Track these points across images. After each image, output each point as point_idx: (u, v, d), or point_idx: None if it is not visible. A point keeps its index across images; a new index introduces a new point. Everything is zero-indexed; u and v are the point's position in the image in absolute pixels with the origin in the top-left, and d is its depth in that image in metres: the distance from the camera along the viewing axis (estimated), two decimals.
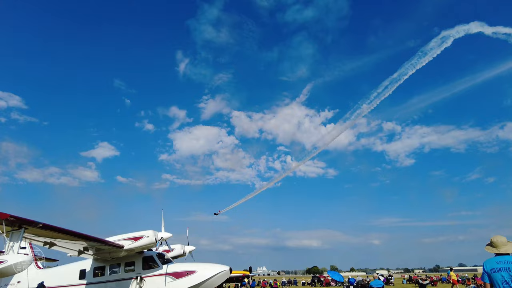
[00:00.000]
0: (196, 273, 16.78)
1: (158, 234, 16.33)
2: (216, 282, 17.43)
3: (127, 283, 16.76)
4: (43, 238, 13.93)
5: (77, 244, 15.27)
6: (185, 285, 16.54)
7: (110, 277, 17.25)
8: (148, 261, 17.27)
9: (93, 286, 17.38)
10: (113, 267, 17.45)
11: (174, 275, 16.71)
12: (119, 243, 15.67)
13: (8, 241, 11.01)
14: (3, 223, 10.53)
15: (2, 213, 10.25)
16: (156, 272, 16.87)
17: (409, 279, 54.79)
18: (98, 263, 17.67)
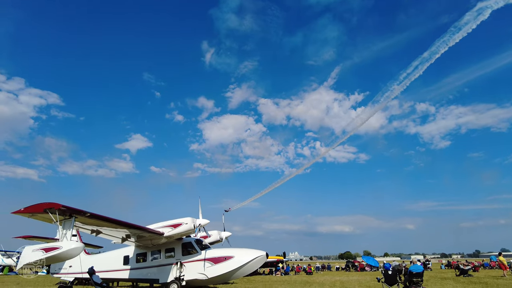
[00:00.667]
0: (234, 258, 17.19)
1: (196, 221, 16.79)
2: (253, 267, 17.79)
3: (167, 269, 17.48)
4: (90, 226, 14.75)
5: (120, 232, 16.03)
6: (223, 270, 17.01)
7: (151, 262, 18.05)
8: (187, 247, 17.87)
9: (136, 271, 18.30)
10: (154, 253, 18.22)
11: (213, 260, 17.20)
12: (159, 230, 16.29)
13: (61, 229, 11.79)
14: (56, 212, 11.28)
15: (55, 203, 10.97)
16: (195, 257, 17.44)
17: (447, 264, 53.16)
18: (140, 250, 18.52)
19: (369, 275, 35.64)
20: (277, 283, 24.54)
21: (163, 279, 17.32)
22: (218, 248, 18.66)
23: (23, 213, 11.46)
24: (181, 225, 16.39)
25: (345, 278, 29.62)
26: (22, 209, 11.29)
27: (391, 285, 15.89)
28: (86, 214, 12.23)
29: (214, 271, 17.02)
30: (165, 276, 17.28)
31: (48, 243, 11.75)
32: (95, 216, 12.81)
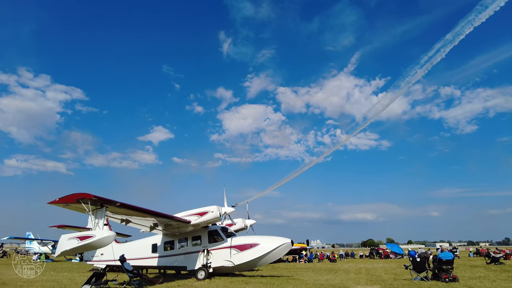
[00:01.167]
0: (259, 245, 17.34)
1: (221, 209, 16.99)
2: (278, 254, 17.90)
3: (195, 256, 17.86)
4: (120, 215, 15.21)
5: (149, 221, 16.44)
6: (249, 257, 17.21)
7: (179, 250, 18.48)
8: (213, 235, 18.16)
9: (164, 259, 18.80)
10: (181, 241, 18.63)
11: (239, 248, 17.42)
12: (186, 219, 16.61)
13: (93, 218, 12.22)
14: (88, 202, 11.67)
15: (87, 194, 11.35)
16: (222, 245, 17.71)
17: (476, 252, 51.78)
18: (167, 238, 18.97)
19: (394, 262, 35.23)
20: (301, 270, 24.62)
21: (190, 266, 17.72)
22: (243, 236, 18.85)
23: (58, 203, 11.94)
24: (207, 213, 16.64)
25: (370, 266, 29.39)
26: (57, 199, 11.77)
27: (420, 272, 15.66)
28: (116, 204, 12.58)
29: (240, 258, 17.25)
30: (192, 264, 17.67)
31: (82, 232, 12.22)
32: (125, 205, 13.17)
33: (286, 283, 15.40)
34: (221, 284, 14.75)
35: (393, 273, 20.58)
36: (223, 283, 15.10)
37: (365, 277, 18.70)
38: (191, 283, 15.06)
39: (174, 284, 14.65)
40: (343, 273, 21.35)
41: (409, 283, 14.60)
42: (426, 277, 15.19)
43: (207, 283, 15.26)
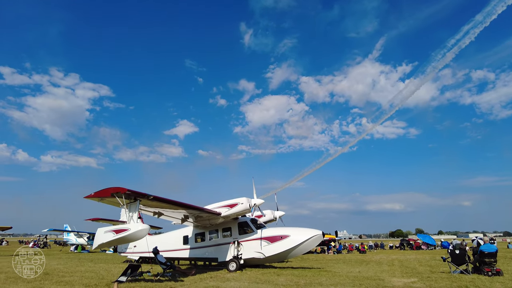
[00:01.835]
0: (290, 237, 17.19)
1: (251, 200, 16.92)
2: (309, 246, 17.68)
3: (225, 248, 17.95)
4: (152, 208, 15.47)
5: (180, 213, 16.65)
6: (280, 249, 17.10)
7: (210, 242, 18.65)
8: (243, 227, 18.17)
9: (195, 251, 19.05)
10: (212, 233, 18.78)
11: (269, 239, 17.34)
12: (216, 211, 16.67)
13: (128, 212, 12.44)
14: (122, 196, 11.89)
15: (121, 188, 11.55)
16: (252, 236, 17.70)
17: None
18: (198, 230, 19.19)
19: (427, 254, 34.18)
20: (332, 262, 24.32)
21: (221, 257, 17.85)
22: (274, 228, 18.75)
23: (93, 197, 12.24)
24: (237, 205, 16.63)
25: (402, 257, 28.64)
26: (93, 194, 12.06)
27: (459, 265, 14.96)
28: (150, 197, 12.76)
29: (270, 250, 17.18)
30: (223, 255, 17.79)
31: (118, 225, 12.49)
32: (158, 198, 13.33)
33: (318, 275, 15.19)
34: (253, 276, 14.74)
35: (428, 265, 19.92)
36: (254, 275, 15.09)
37: (399, 269, 18.18)
38: (223, 275, 15.14)
39: (207, 276, 14.77)
40: (376, 265, 20.88)
41: (448, 276, 14.01)
42: (466, 270, 14.51)
43: (239, 274, 15.29)
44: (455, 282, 12.29)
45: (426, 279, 13.49)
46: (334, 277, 14.32)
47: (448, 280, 13.00)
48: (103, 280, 12.65)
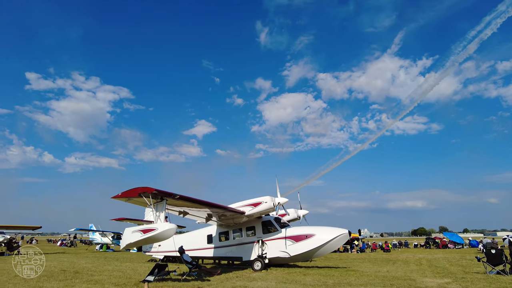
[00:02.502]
0: (315, 236, 16.89)
1: (275, 199, 16.71)
2: (335, 245, 17.35)
3: (250, 247, 17.82)
4: (178, 208, 15.51)
5: (204, 212, 16.62)
6: (305, 248, 16.83)
7: (234, 241, 18.56)
8: (267, 225, 17.99)
9: (219, 250, 19.00)
10: (235, 232, 18.69)
11: (294, 238, 17.10)
12: (240, 210, 16.56)
13: (155, 211, 12.49)
14: (150, 196, 11.93)
15: (148, 188, 11.59)
16: (276, 235, 17.49)
17: None
18: (222, 229, 19.14)
19: (455, 253, 33.02)
20: (357, 261, 23.84)
21: (246, 257, 17.74)
22: (298, 226, 18.49)
23: (120, 198, 12.34)
24: (261, 203, 16.46)
25: (430, 256, 27.77)
26: (120, 194, 12.16)
27: (496, 265, 14.26)
28: (176, 197, 12.75)
29: (295, 249, 16.93)
30: (248, 254, 17.67)
31: (145, 225, 12.57)
32: (184, 198, 13.32)
33: (346, 274, 14.85)
34: (279, 275, 14.56)
35: (459, 265, 19.17)
36: (280, 274, 14.90)
37: (428, 268, 17.59)
38: (249, 274, 15.02)
39: (232, 275, 14.68)
40: (403, 264, 20.29)
41: (485, 277, 13.37)
42: (503, 271, 13.81)
43: (265, 274, 15.14)
44: (494, 284, 11.71)
45: (461, 280, 12.92)
46: (363, 277, 13.95)
47: (485, 281, 12.39)
48: (131, 280, 12.75)
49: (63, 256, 26.93)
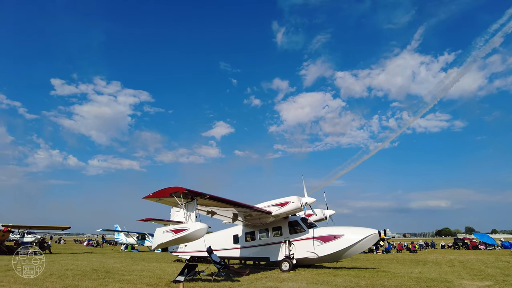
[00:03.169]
0: (344, 236, 16.55)
1: (302, 199, 16.46)
2: (364, 246, 16.92)
3: (277, 247, 17.64)
4: (206, 207, 15.53)
5: (231, 212, 16.57)
6: (333, 249, 16.50)
7: (260, 241, 18.42)
8: (294, 226, 17.76)
9: (246, 250, 18.90)
10: (262, 232, 18.55)
11: (322, 239, 16.80)
12: (266, 209, 16.42)
13: (185, 211, 12.51)
14: (181, 196, 11.96)
15: (180, 188, 11.63)
16: (304, 236, 17.24)
17: None
18: (248, 229, 19.04)
19: (487, 254, 31.74)
20: (385, 262, 23.26)
21: (273, 257, 17.57)
22: (326, 227, 18.16)
23: (151, 198, 12.45)
24: (288, 203, 16.26)
25: (461, 257, 26.78)
26: (151, 194, 12.26)
27: None
28: (206, 196, 12.74)
29: (324, 250, 16.63)
30: (275, 255, 17.50)
31: (176, 225, 12.59)
32: (213, 197, 13.31)
33: (377, 275, 14.45)
34: (308, 276, 14.32)
35: (496, 267, 18.36)
36: (309, 275, 14.66)
37: (463, 270, 16.91)
38: (277, 275, 14.86)
39: (261, 276, 14.55)
40: (434, 265, 19.62)
41: None
42: None
43: (293, 274, 14.93)
44: None
45: (503, 282, 12.32)
46: (396, 278, 13.52)
47: None
48: (161, 280, 12.81)
49: (91, 256, 27.55)
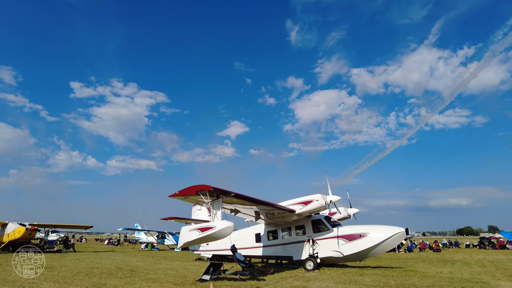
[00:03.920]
0: (369, 235, 16.16)
1: (326, 197, 16.16)
2: (391, 245, 16.46)
3: (300, 246, 17.37)
4: (230, 206, 15.42)
5: (254, 210, 16.41)
6: (359, 248, 16.13)
7: (283, 240, 18.18)
8: (317, 224, 17.45)
9: (268, 249, 18.69)
10: (284, 230, 18.31)
11: (347, 238, 16.45)
12: (290, 208, 16.19)
13: (212, 209, 12.42)
14: (207, 194, 11.87)
15: (206, 186, 11.54)
16: (328, 235, 16.92)
17: None
18: (270, 227, 18.84)
19: None
20: (410, 261, 22.68)
21: (297, 256, 17.31)
22: (350, 225, 17.78)
23: (177, 196, 12.41)
24: (312, 202, 15.99)
25: (491, 257, 25.86)
26: (177, 192, 12.22)
27: None
28: (231, 194, 12.61)
29: (349, 249, 16.27)
30: (298, 253, 17.24)
31: (203, 223, 12.51)
32: (238, 195, 13.18)
33: (406, 275, 14.04)
34: (335, 275, 14.02)
35: None
36: (336, 274, 14.36)
37: (496, 271, 16.25)
38: (303, 274, 14.61)
39: (286, 275, 14.33)
40: (464, 266, 18.95)
41: None
42: None
43: (319, 274, 14.66)
44: None
45: None
46: (426, 278, 13.08)
47: None
48: (186, 279, 12.74)
49: (114, 255, 27.92)
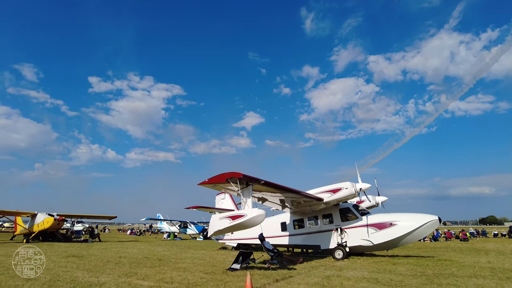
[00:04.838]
0: (400, 223, 15.65)
1: (356, 185, 15.68)
2: (423, 233, 15.89)
3: (328, 235, 17.02)
4: (258, 194, 15.17)
5: (281, 198, 16.12)
6: (389, 236, 15.64)
7: (310, 229, 17.85)
8: (346, 213, 17.01)
9: (295, 237, 18.43)
10: (311, 219, 17.97)
11: (377, 226, 15.98)
12: (318, 196, 15.81)
13: (242, 197, 12.18)
14: (237, 181, 11.63)
15: (236, 173, 11.28)
16: (357, 223, 16.48)
17: None
18: (296, 216, 18.53)
19: None
20: (440, 250, 21.97)
21: (324, 245, 16.98)
22: (380, 214, 17.27)
23: (207, 184, 12.22)
24: (341, 190, 15.55)
25: None
26: (207, 180, 12.03)
27: None
28: (261, 182, 12.33)
29: (379, 237, 15.81)
30: (326, 242, 16.90)
31: (233, 211, 12.31)
32: (268, 183, 12.89)
33: (441, 264, 13.51)
34: (366, 264, 13.63)
35: None
36: (367, 263, 13.97)
37: None
38: (333, 263, 14.28)
39: (316, 264, 14.04)
40: (499, 255, 18.20)
41: None
42: None
43: (349, 263, 14.30)
44: None
45: None
46: (465, 268, 12.53)
47: None
48: (217, 268, 12.59)
49: (138, 244, 28.32)
